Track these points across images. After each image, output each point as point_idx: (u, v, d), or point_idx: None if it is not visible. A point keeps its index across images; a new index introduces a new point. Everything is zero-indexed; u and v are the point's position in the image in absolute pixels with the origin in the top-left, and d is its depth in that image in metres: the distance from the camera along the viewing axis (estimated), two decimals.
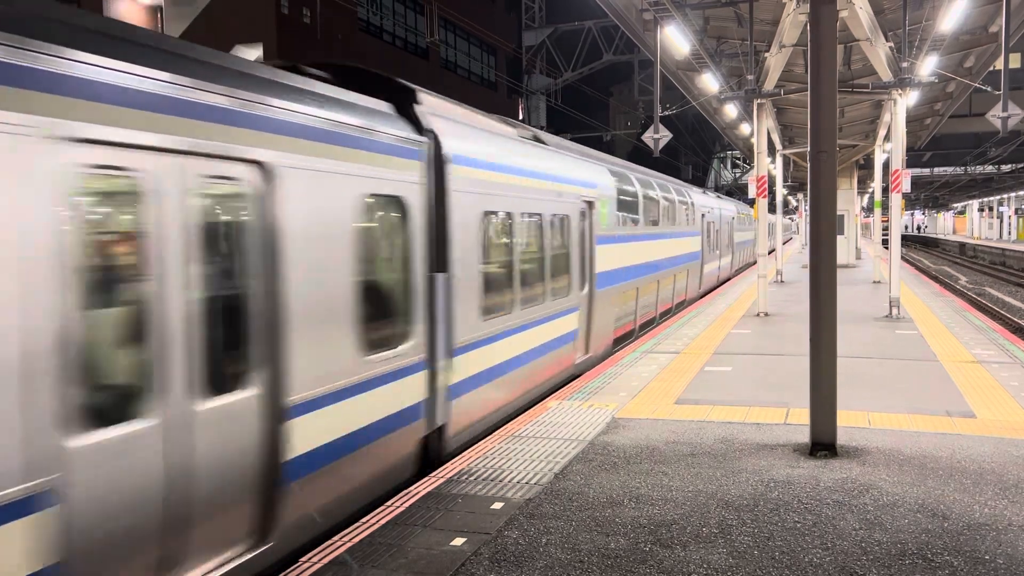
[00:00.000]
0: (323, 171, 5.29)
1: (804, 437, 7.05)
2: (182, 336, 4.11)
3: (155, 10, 11.26)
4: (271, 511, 4.72)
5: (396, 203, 6.28)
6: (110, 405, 3.77)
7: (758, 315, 16.09)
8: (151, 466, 3.90)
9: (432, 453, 6.81)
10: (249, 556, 4.57)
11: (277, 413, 4.76)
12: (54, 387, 3.39)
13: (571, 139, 41.59)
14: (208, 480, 4.24)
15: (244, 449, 4.51)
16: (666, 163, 46.29)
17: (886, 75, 14.95)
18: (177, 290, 4.09)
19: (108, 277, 3.84)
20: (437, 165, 6.87)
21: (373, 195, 5.90)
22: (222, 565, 4.38)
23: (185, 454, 4.09)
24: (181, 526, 4.08)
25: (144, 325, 3.92)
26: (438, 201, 6.85)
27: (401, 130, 6.41)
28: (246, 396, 4.55)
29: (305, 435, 5.00)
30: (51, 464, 3.36)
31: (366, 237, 5.80)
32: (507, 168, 8.34)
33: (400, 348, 6.21)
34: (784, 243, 28.62)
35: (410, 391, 6.34)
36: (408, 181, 6.38)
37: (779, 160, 26.28)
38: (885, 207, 31.10)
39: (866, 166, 31.89)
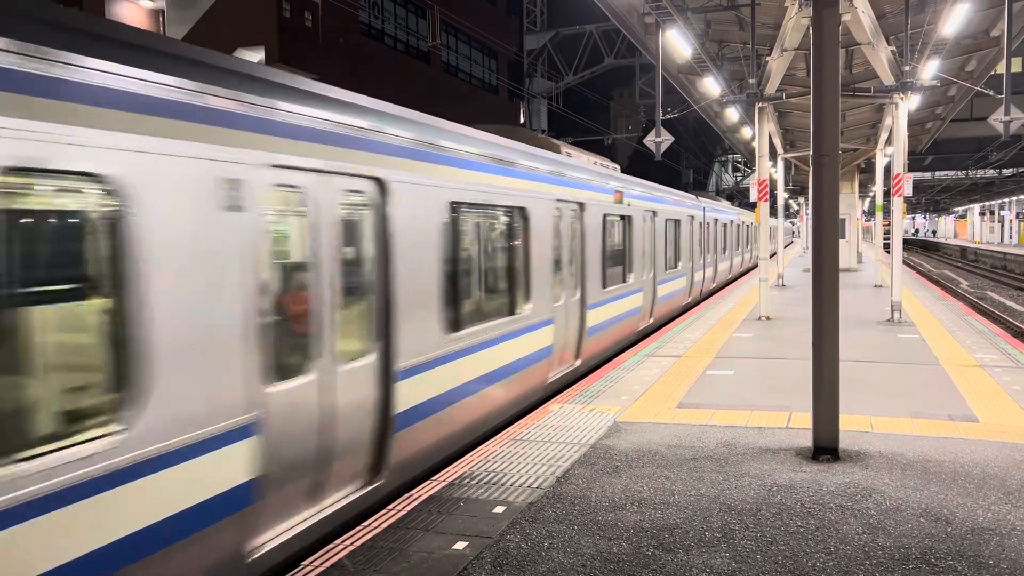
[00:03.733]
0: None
1: (806, 441, 7.04)
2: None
3: (157, 13, 11.28)
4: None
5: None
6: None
7: (760, 319, 16.07)
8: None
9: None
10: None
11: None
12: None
13: (572, 143, 41.60)
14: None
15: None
16: (667, 167, 46.29)
17: (888, 79, 14.95)
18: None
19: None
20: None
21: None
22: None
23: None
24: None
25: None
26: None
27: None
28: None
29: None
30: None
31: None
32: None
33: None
34: (784, 247, 26.39)
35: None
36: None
37: (780, 164, 26.30)
38: (887, 211, 31.09)
39: (867, 170, 31.89)
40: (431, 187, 6.62)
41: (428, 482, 6.22)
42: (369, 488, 5.77)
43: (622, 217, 13.16)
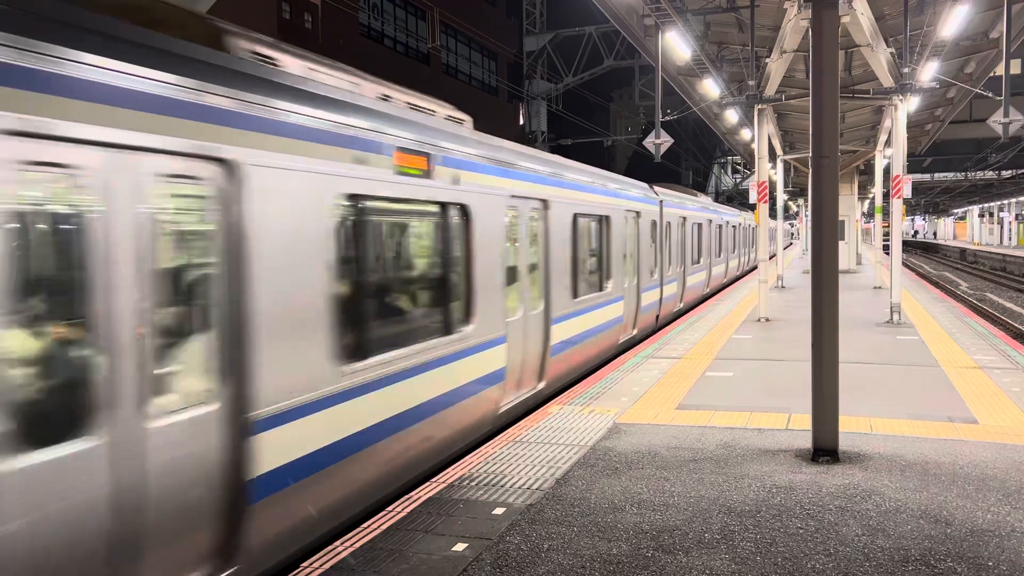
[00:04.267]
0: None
1: (806, 443, 7.04)
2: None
3: None
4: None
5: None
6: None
7: (759, 320, 16.08)
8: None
9: None
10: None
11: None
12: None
13: (572, 144, 41.64)
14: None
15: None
16: (667, 168, 46.31)
17: (887, 81, 14.96)
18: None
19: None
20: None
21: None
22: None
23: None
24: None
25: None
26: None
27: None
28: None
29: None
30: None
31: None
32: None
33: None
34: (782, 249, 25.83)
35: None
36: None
37: (780, 166, 26.30)
38: (886, 213, 31.14)
39: (867, 172, 31.90)
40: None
41: (427, 483, 6.21)
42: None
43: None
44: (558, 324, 9.84)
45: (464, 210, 7.40)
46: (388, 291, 6.42)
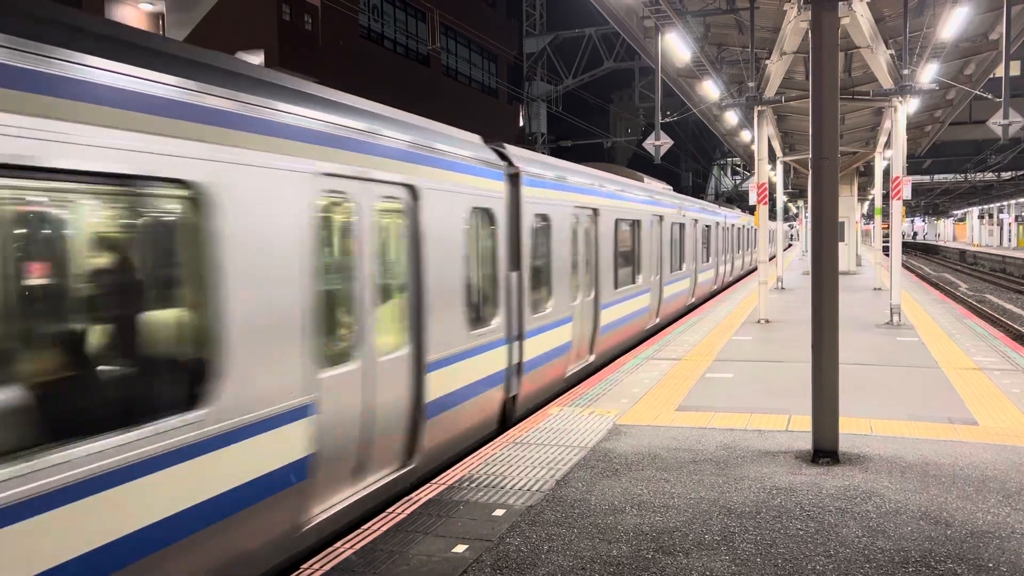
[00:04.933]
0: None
1: (806, 444, 7.04)
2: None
3: (157, 17, 11.29)
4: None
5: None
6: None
7: (759, 322, 16.08)
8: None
9: None
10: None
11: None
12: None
13: (572, 146, 41.65)
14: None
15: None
16: (666, 170, 46.33)
17: (887, 82, 14.97)
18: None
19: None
20: None
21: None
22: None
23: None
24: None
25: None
26: None
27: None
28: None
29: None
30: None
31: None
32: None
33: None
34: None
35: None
36: None
37: (779, 167, 26.31)
38: (886, 214, 31.15)
39: (866, 173, 31.91)
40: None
41: (428, 485, 6.21)
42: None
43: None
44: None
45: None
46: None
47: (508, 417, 8.70)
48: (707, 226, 23.18)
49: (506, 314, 8.41)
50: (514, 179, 8.87)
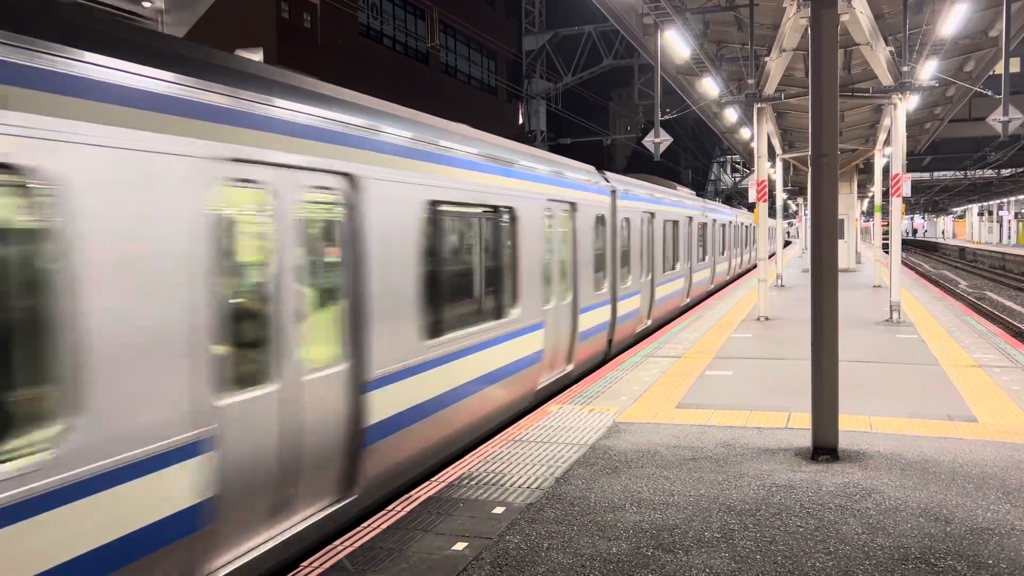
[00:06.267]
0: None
1: (806, 441, 7.04)
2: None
3: (156, 15, 11.26)
4: None
5: None
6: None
7: (759, 319, 16.07)
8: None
9: None
10: None
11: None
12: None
13: (571, 143, 41.64)
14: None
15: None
16: (666, 167, 46.31)
17: (886, 79, 14.95)
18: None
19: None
20: None
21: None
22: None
23: None
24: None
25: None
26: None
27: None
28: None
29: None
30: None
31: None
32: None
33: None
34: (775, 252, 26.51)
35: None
36: None
37: (779, 164, 26.29)
38: (885, 211, 31.13)
39: (866, 170, 31.89)
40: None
41: (427, 483, 6.21)
42: None
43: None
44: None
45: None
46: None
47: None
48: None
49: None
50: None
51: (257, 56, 6.71)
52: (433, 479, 6.30)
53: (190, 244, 4.14)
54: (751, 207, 27.10)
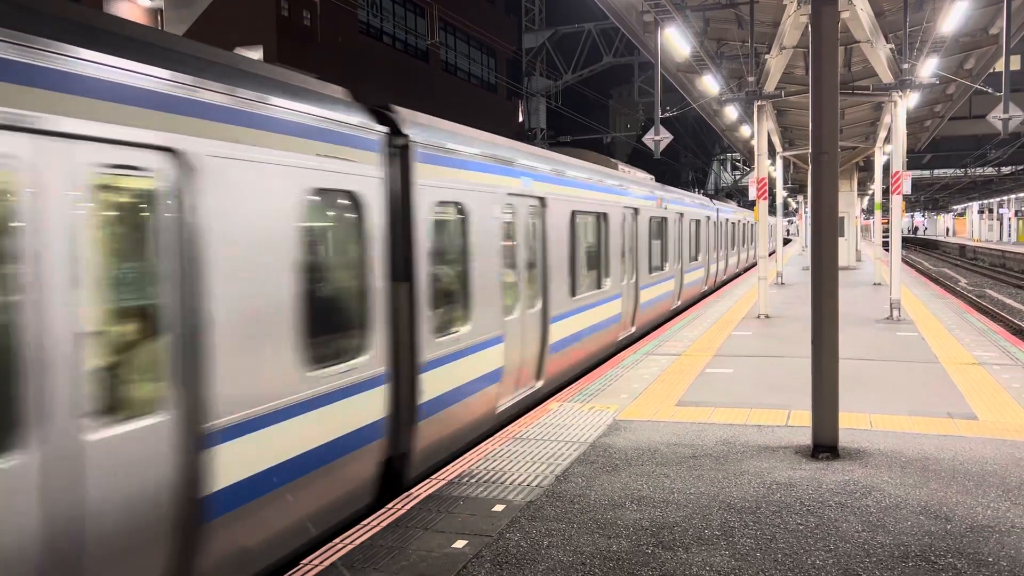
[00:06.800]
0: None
1: (806, 439, 7.04)
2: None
3: (155, 12, 11.26)
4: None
5: None
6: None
7: (759, 317, 16.07)
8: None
9: None
10: None
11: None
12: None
13: (571, 141, 41.62)
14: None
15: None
16: (666, 165, 46.29)
17: (887, 77, 14.94)
18: None
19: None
20: None
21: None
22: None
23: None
24: None
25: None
26: None
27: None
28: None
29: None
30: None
31: None
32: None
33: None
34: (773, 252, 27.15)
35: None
36: None
37: (779, 162, 26.27)
38: (885, 209, 31.12)
39: (866, 168, 31.89)
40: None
41: (427, 481, 6.21)
42: None
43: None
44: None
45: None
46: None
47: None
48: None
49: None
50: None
51: (256, 54, 6.63)
52: (433, 477, 6.30)
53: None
54: (751, 204, 27.14)
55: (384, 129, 6.21)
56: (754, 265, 32.24)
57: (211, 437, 4.28)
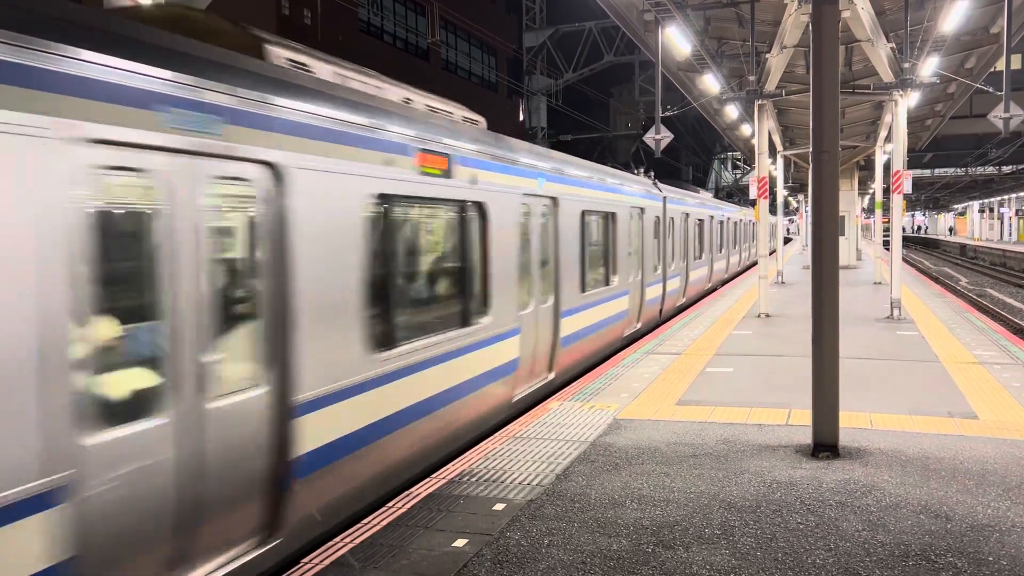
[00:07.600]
0: None
1: (806, 438, 7.04)
2: None
3: None
4: None
5: None
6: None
7: (759, 316, 16.07)
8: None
9: None
10: None
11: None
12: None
13: (572, 140, 41.61)
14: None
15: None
16: (667, 164, 46.29)
17: (887, 76, 14.93)
18: None
19: None
20: None
21: None
22: None
23: None
24: None
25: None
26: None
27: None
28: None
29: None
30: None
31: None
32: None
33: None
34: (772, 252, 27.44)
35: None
36: None
37: (780, 161, 26.26)
38: (886, 208, 31.11)
39: (867, 167, 31.87)
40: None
41: (428, 479, 6.22)
42: None
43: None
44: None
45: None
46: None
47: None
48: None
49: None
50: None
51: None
52: (433, 476, 6.31)
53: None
54: (752, 203, 27.21)
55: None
56: (755, 264, 32.40)
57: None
